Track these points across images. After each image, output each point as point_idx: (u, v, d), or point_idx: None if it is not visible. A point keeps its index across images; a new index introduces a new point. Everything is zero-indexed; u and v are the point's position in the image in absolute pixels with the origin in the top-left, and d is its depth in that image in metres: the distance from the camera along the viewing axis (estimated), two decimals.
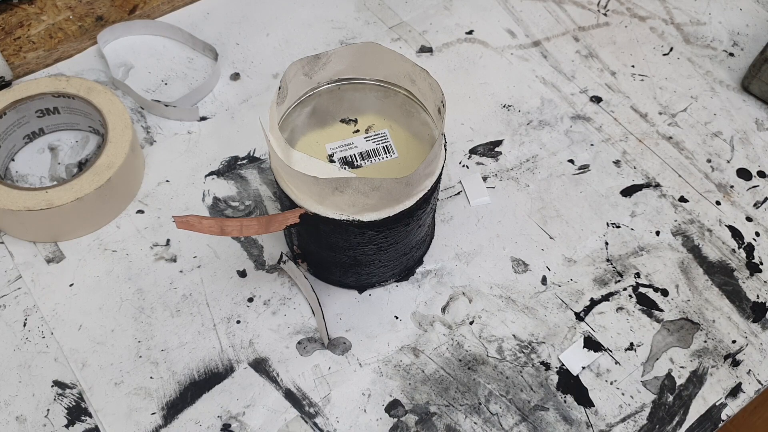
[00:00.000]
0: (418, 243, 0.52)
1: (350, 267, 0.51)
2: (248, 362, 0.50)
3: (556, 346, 0.52)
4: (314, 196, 0.45)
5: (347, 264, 0.51)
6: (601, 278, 0.55)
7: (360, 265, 0.51)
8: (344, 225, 0.46)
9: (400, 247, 0.50)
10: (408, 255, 0.52)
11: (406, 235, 0.49)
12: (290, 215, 0.46)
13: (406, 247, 0.51)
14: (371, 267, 0.51)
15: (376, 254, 0.49)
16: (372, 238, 0.47)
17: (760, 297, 0.55)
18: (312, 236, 0.49)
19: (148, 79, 0.65)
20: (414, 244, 0.52)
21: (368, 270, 0.52)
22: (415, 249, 0.53)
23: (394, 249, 0.50)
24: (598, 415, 0.49)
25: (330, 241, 0.48)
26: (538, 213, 0.58)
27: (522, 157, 0.62)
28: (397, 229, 0.47)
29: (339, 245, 0.48)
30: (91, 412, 0.48)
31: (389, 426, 0.48)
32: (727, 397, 0.50)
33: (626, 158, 0.62)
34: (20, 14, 0.67)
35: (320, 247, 0.50)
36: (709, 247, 0.57)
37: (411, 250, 0.52)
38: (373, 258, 0.50)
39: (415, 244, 0.52)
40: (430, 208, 0.49)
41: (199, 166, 0.60)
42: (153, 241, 0.55)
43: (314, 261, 0.53)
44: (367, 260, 0.50)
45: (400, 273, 0.54)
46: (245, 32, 0.69)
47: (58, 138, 0.60)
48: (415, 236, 0.51)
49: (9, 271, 0.53)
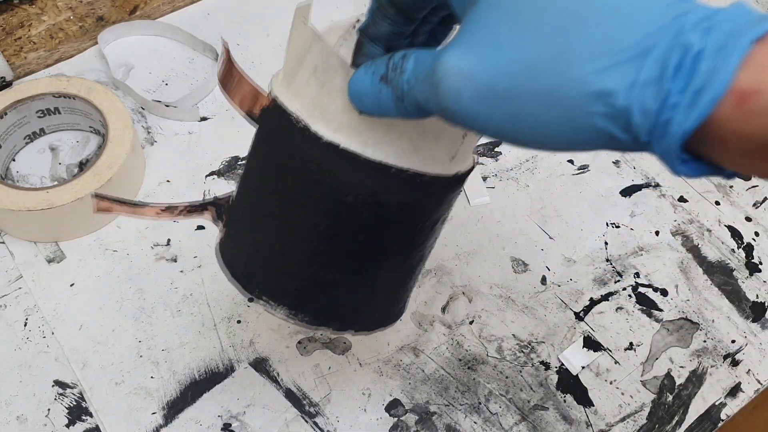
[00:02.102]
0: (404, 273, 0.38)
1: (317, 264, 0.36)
2: (249, 362, 0.50)
3: (556, 346, 0.52)
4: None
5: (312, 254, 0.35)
6: (600, 278, 0.55)
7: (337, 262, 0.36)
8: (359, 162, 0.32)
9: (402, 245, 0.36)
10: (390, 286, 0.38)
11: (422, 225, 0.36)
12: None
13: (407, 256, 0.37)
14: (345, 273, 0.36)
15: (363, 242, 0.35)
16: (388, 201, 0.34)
17: (759, 297, 0.55)
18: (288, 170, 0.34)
19: (148, 80, 0.65)
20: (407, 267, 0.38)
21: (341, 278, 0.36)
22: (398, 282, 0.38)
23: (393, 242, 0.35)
24: (598, 415, 0.49)
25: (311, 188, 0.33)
26: (537, 213, 0.59)
27: (522, 157, 0.62)
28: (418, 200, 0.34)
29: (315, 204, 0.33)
30: (91, 411, 0.48)
31: (389, 425, 0.48)
32: (727, 397, 0.50)
33: (626, 158, 0.62)
34: (21, 14, 0.67)
35: (255, 187, 0.36)
36: (709, 247, 0.57)
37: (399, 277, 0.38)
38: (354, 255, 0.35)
39: (407, 267, 0.38)
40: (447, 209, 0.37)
41: (200, 167, 0.60)
42: (154, 241, 0.55)
43: (242, 227, 0.37)
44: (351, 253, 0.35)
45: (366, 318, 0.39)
46: (245, 32, 0.69)
47: (58, 138, 0.61)
48: (419, 249, 0.37)
49: (10, 271, 0.53)
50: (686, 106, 0.22)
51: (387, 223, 0.34)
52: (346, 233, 0.35)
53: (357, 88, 0.31)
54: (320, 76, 0.32)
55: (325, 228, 0.34)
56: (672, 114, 0.22)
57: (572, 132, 0.24)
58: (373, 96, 0.30)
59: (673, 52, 0.22)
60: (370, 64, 0.30)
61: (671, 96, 0.22)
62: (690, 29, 0.22)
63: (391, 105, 0.30)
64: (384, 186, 0.33)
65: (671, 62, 0.22)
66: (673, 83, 0.22)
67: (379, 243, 0.35)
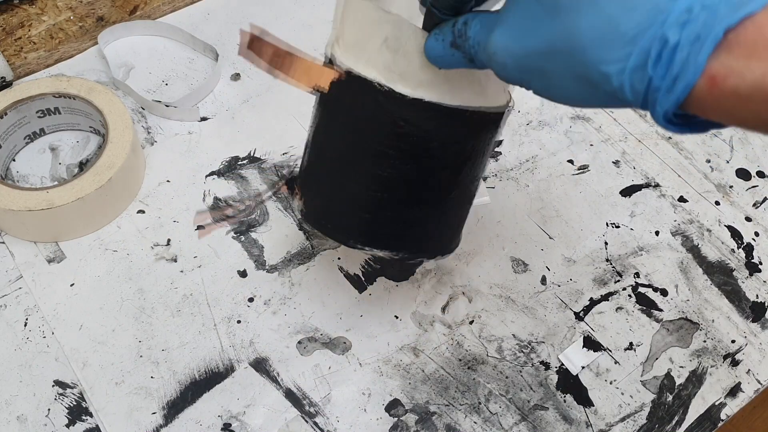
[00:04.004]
0: (465, 197, 0.43)
1: (389, 201, 0.40)
2: (249, 362, 0.50)
3: (556, 346, 0.52)
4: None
5: (385, 189, 0.40)
6: (600, 278, 0.55)
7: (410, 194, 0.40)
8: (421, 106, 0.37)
9: (461, 174, 0.41)
10: (455, 203, 0.43)
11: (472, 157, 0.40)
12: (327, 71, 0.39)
13: (465, 178, 0.41)
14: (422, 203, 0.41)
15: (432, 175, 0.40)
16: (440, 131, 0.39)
17: (759, 297, 0.55)
18: (352, 130, 0.40)
19: (148, 80, 0.65)
20: (464, 189, 0.42)
21: (414, 213, 0.41)
22: (460, 204, 0.43)
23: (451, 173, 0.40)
24: (598, 415, 0.49)
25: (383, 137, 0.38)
26: (537, 213, 0.59)
27: (522, 157, 0.62)
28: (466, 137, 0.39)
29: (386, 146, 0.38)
30: (91, 411, 0.48)
31: (389, 425, 0.48)
32: (727, 397, 0.50)
33: (626, 158, 0.62)
34: (21, 14, 0.67)
35: (343, 150, 0.40)
36: (709, 247, 0.57)
37: (459, 199, 0.43)
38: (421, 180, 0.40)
39: (465, 192, 0.43)
40: (491, 140, 0.42)
41: (200, 167, 0.60)
42: (154, 241, 0.55)
43: (313, 191, 0.42)
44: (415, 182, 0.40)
45: (405, 237, 0.43)
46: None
47: (58, 138, 0.61)
48: (471, 173, 0.42)
49: (10, 271, 0.53)
50: (665, 91, 0.26)
51: (464, 158, 0.40)
52: (432, 173, 0.40)
53: (432, 53, 0.36)
54: (392, 44, 0.37)
55: (415, 173, 0.40)
56: (655, 95, 0.26)
57: (588, 96, 0.30)
58: (448, 58, 0.36)
59: (654, 44, 0.26)
60: (438, 31, 0.36)
61: (653, 81, 0.26)
62: (670, 24, 0.25)
63: (465, 64, 0.35)
64: (463, 127, 0.39)
65: (652, 53, 0.26)
66: (654, 71, 0.26)
67: (455, 176, 0.41)
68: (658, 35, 0.25)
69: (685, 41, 0.25)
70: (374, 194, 0.40)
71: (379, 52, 0.37)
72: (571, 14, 0.28)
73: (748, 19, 0.24)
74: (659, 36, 0.25)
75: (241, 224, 0.56)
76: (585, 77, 0.29)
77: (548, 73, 0.31)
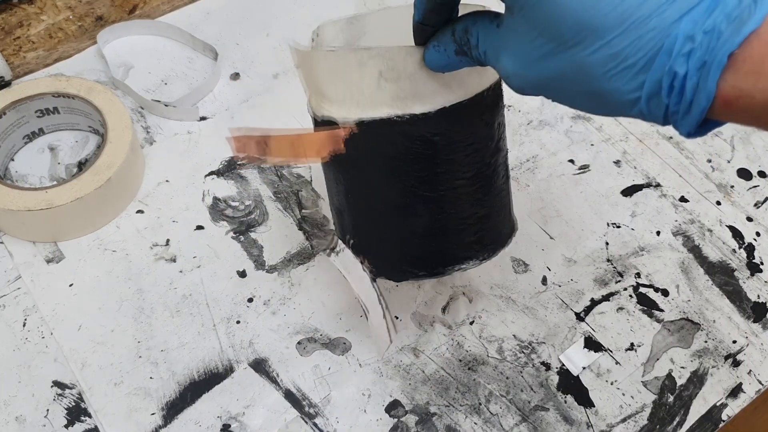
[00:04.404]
0: (497, 186, 0.42)
1: (429, 224, 0.40)
2: (248, 362, 0.50)
3: (557, 347, 0.52)
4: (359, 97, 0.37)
5: (426, 217, 0.40)
6: (601, 278, 0.55)
7: (441, 209, 0.40)
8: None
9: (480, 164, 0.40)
10: (488, 199, 0.42)
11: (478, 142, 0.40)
12: (333, 133, 0.38)
13: (486, 168, 0.41)
14: (451, 217, 0.41)
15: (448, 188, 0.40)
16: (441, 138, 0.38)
17: (760, 297, 0.55)
18: (373, 179, 0.39)
19: (148, 79, 0.65)
20: (491, 174, 0.42)
21: (449, 223, 0.41)
22: (493, 194, 0.42)
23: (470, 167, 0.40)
24: (599, 416, 0.49)
25: (397, 167, 0.38)
26: (538, 213, 0.58)
27: (522, 157, 0.62)
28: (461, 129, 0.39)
29: (405, 171, 0.38)
30: (90, 412, 0.48)
31: (389, 426, 0.48)
32: (728, 398, 0.50)
33: (626, 158, 0.62)
34: (20, 14, 0.67)
35: (389, 195, 0.40)
36: (710, 247, 0.57)
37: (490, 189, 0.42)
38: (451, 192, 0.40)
39: (493, 178, 0.42)
40: (499, 118, 0.42)
41: (199, 166, 0.60)
42: (153, 241, 0.55)
43: (376, 246, 0.43)
44: (447, 198, 0.40)
45: (484, 240, 0.43)
46: (245, 32, 0.69)
47: (57, 138, 0.60)
48: (490, 155, 0.41)
49: (9, 271, 0.53)
50: (683, 114, 0.27)
51: (498, 135, 0.41)
52: (482, 165, 0.40)
53: (437, 64, 0.36)
54: (390, 75, 0.36)
55: (469, 174, 0.40)
56: (675, 118, 0.28)
57: (607, 110, 0.31)
58: (454, 65, 0.36)
59: (665, 76, 0.27)
60: (437, 43, 0.36)
61: (670, 107, 0.27)
62: (676, 55, 0.26)
63: (474, 65, 0.36)
64: (486, 110, 0.39)
65: (664, 84, 0.27)
66: (670, 99, 0.27)
67: (500, 153, 0.42)
68: (666, 68, 0.26)
69: (693, 70, 0.26)
70: (442, 217, 0.40)
71: (379, 88, 0.37)
72: (576, 48, 0.28)
73: (753, 35, 0.25)
74: (667, 69, 0.26)
75: (241, 224, 0.56)
76: (600, 99, 0.29)
77: (564, 92, 0.31)
